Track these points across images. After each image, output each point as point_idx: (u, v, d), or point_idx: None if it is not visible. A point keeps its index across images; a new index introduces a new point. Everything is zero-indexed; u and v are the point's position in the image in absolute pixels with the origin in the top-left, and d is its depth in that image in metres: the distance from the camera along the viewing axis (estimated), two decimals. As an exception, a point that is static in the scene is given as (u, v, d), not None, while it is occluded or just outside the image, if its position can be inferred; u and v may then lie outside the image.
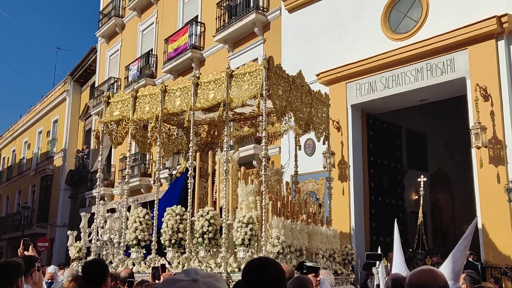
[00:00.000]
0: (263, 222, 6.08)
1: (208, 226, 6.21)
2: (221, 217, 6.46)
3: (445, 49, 9.58)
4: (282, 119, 7.25)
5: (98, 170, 8.41)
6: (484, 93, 8.83)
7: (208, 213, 6.29)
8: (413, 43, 10.08)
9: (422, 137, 14.36)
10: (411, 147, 13.72)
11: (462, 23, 9.26)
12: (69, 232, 8.76)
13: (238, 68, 6.71)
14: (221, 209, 6.59)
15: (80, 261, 7.88)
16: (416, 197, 14.03)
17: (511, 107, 8.69)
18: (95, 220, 8.05)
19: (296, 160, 8.45)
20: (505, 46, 8.89)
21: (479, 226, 8.88)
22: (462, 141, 11.11)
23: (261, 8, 14.03)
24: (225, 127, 6.83)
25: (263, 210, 6.10)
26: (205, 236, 6.19)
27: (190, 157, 6.86)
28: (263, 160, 6.32)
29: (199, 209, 6.61)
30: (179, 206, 6.66)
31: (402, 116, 12.38)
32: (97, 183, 8.33)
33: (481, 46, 9.09)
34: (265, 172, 6.29)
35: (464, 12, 9.45)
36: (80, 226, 8.55)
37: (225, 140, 6.63)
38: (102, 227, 8.15)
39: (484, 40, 9.04)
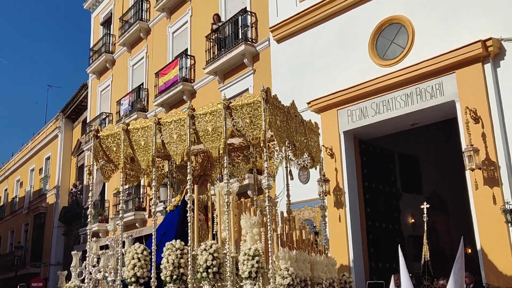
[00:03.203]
0: (269, 254, 6.02)
1: (212, 260, 6.12)
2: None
3: (433, 73, 9.72)
4: (281, 149, 7.25)
5: (89, 206, 8.28)
6: (474, 116, 8.94)
7: (211, 247, 6.21)
8: (401, 68, 10.23)
9: (415, 161, 14.44)
10: (405, 171, 13.77)
11: (448, 48, 9.44)
12: (59, 272, 8.55)
13: (235, 99, 6.74)
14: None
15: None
16: (413, 220, 14.01)
17: (502, 128, 8.79)
18: (87, 258, 7.89)
19: (288, 190, 8.42)
20: (491, 69, 9.04)
21: (478, 248, 8.86)
22: (455, 163, 11.18)
23: (250, 40, 14.22)
24: (222, 158, 6.81)
25: (269, 242, 6.04)
26: (209, 270, 6.10)
27: (189, 190, 6.80)
28: (266, 191, 6.30)
29: (201, 243, 6.52)
30: (178, 241, 6.57)
31: (394, 140, 12.46)
32: (88, 220, 8.19)
33: (468, 69, 9.24)
34: (269, 203, 6.27)
35: (449, 37, 9.64)
36: (72, 265, 8.29)
37: (225, 172, 6.60)
38: (94, 266, 7.97)
39: (470, 63, 9.20)
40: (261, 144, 6.37)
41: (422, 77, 9.89)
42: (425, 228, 8.80)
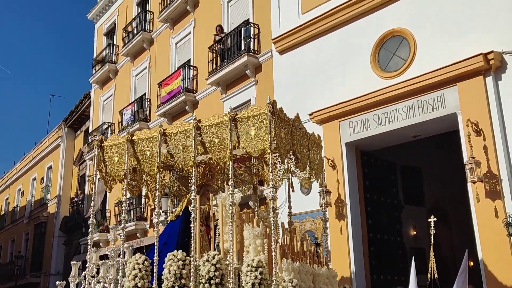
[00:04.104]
0: (273, 265, 6.02)
1: (215, 271, 6.12)
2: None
3: (435, 86, 9.75)
4: (283, 162, 7.27)
5: (91, 216, 8.28)
6: (476, 128, 8.95)
7: (213, 258, 6.20)
8: (403, 80, 10.27)
9: (417, 172, 14.41)
10: (407, 182, 13.74)
11: (450, 60, 9.48)
12: (57, 282, 8.51)
13: (241, 111, 6.78)
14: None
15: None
16: (415, 232, 13.96)
17: (503, 141, 8.80)
18: (87, 268, 7.86)
19: (289, 201, 8.44)
20: (493, 82, 9.07)
21: (480, 260, 8.83)
22: (457, 175, 11.17)
23: (252, 51, 14.30)
24: (226, 170, 6.84)
25: (273, 253, 6.05)
26: (211, 281, 6.09)
27: (192, 201, 6.81)
28: (271, 202, 6.33)
29: (203, 254, 6.53)
30: (180, 251, 6.57)
31: (396, 152, 12.47)
32: (90, 229, 8.18)
33: (469, 82, 9.27)
34: (273, 214, 6.28)
35: (450, 50, 9.69)
36: (70, 275, 8.22)
37: (229, 183, 6.62)
38: (93, 276, 7.93)
39: (472, 76, 9.23)
40: (266, 156, 6.40)
41: (424, 90, 9.92)
42: (432, 241, 8.79)
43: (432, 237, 8.74)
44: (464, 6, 9.79)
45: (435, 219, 8.96)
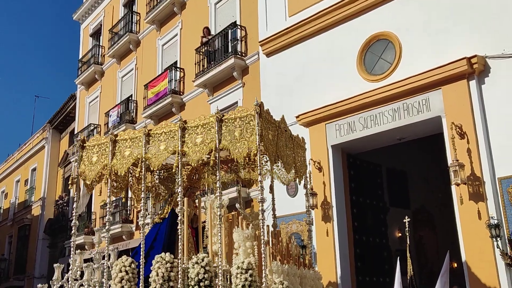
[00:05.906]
0: (263, 268, 6.04)
1: (204, 273, 6.10)
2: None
3: (420, 89, 9.85)
4: (272, 164, 7.31)
5: (74, 218, 8.21)
6: (459, 131, 9.06)
7: (203, 260, 6.19)
8: (388, 84, 10.36)
9: (402, 175, 14.53)
10: (392, 185, 13.85)
11: (434, 64, 9.59)
12: (39, 285, 8.42)
13: (228, 113, 6.79)
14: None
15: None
16: (400, 234, 14.08)
17: (486, 144, 8.91)
18: (70, 271, 7.79)
19: (273, 203, 8.46)
20: (476, 86, 9.19)
21: (463, 262, 8.94)
22: (442, 178, 11.29)
23: (240, 53, 14.32)
24: (215, 171, 6.83)
25: (263, 255, 6.06)
26: (201, 284, 6.07)
27: (179, 203, 6.79)
28: (260, 204, 6.35)
29: (192, 256, 6.51)
30: (168, 254, 6.54)
31: (382, 154, 12.56)
32: (72, 232, 8.11)
33: (454, 86, 9.38)
34: (262, 216, 6.30)
35: (435, 53, 9.80)
36: (53, 278, 8.10)
37: (217, 185, 6.62)
38: (76, 279, 7.84)
39: (456, 80, 9.34)
40: (254, 158, 6.42)
41: (409, 93, 10.01)
42: (408, 242, 8.90)
43: (408, 238, 8.85)
44: (449, 10, 9.92)
45: (409, 219, 9.09)
